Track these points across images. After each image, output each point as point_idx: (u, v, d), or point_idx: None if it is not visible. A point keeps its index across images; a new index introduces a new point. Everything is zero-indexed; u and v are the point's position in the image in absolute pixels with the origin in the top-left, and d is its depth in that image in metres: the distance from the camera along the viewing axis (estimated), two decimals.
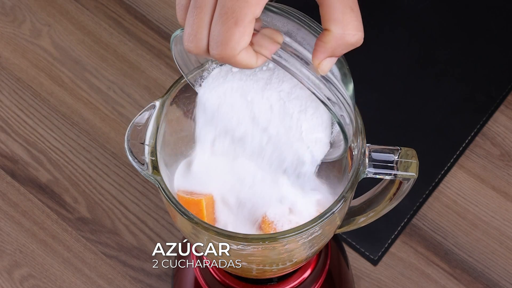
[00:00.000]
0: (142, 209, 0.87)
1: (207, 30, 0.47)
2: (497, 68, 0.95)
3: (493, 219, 0.86)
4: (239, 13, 0.45)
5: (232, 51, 0.46)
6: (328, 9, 0.47)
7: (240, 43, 0.46)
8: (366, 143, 0.57)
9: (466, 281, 0.82)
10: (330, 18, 0.47)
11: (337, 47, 0.48)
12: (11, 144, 0.91)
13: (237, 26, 0.46)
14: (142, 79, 0.95)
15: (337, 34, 0.47)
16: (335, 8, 0.47)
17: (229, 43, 0.46)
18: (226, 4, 0.46)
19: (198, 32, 0.47)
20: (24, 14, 1.00)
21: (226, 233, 0.54)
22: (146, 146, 0.57)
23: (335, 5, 0.47)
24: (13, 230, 0.86)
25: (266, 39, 0.48)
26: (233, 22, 0.46)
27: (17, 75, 0.96)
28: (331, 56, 0.48)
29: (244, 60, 0.47)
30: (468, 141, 0.90)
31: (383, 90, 0.94)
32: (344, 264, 0.77)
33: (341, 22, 0.47)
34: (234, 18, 0.46)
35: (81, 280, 0.83)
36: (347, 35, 0.47)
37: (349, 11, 0.47)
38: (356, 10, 0.48)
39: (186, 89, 0.60)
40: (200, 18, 0.47)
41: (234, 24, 0.46)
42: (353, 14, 0.47)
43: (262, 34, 0.48)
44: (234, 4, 0.45)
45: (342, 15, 0.47)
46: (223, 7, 0.46)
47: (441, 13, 0.99)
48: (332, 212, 0.55)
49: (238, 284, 0.68)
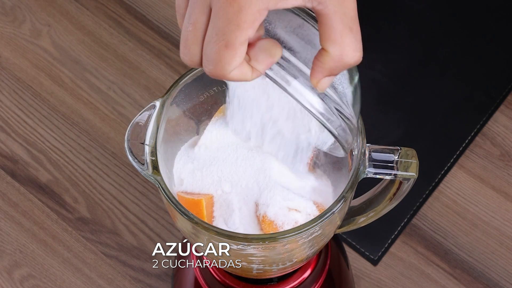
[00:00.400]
0: (142, 209, 0.87)
1: (200, 47, 0.47)
2: (497, 68, 0.95)
3: (493, 219, 0.86)
4: (230, 36, 0.45)
5: (223, 71, 0.46)
6: (327, 29, 0.46)
7: (231, 64, 0.46)
8: (366, 143, 0.57)
9: (466, 281, 0.82)
10: (328, 39, 0.46)
11: (335, 67, 0.47)
12: (11, 144, 0.91)
13: (228, 49, 0.45)
14: (142, 79, 0.95)
15: (335, 56, 0.47)
16: (333, 28, 0.46)
17: (220, 64, 0.46)
18: (217, 25, 0.45)
19: (192, 48, 0.47)
20: (24, 14, 1.00)
21: (226, 233, 0.54)
22: (146, 146, 0.57)
23: (334, 26, 0.46)
24: (13, 230, 0.86)
25: (262, 53, 0.47)
26: (224, 45, 0.45)
27: (17, 75, 0.96)
28: (329, 75, 0.48)
29: (236, 77, 0.47)
30: (468, 141, 0.90)
31: (383, 89, 0.94)
32: (344, 264, 0.77)
33: (339, 44, 0.46)
34: (225, 41, 0.45)
35: (81, 280, 0.83)
36: (345, 56, 0.47)
37: (348, 32, 0.46)
38: (355, 30, 0.47)
39: (186, 89, 0.60)
40: (193, 34, 0.47)
41: (224, 47, 0.45)
42: (351, 35, 0.46)
43: (260, 48, 0.47)
44: (225, 27, 0.45)
45: (341, 37, 0.46)
46: (214, 28, 0.45)
47: (441, 13, 0.99)
48: (332, 212, 0.55)
49: (238, 284, 0.68)
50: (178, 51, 0.96)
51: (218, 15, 0.45)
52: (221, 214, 0.59)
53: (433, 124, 0.91)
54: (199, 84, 0.61)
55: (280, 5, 0.45)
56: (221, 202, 0.59)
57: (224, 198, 0.59)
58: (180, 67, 0.95)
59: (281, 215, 0.57)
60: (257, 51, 0.47)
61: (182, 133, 0.63)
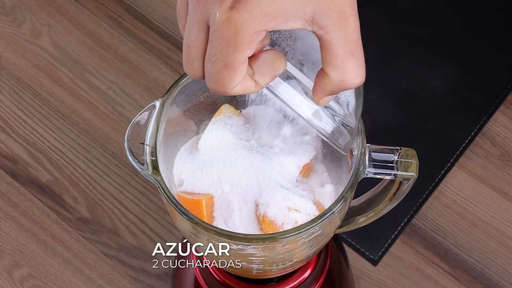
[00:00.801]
0: (142, 209, 0.87)
1: (201, 62, 0.46)
2: (497, 68, 0.95)
3: (493, 219, 0.86)
4: (228, 58, 0.44)
5: (224, 89, 0.46)
6: (328, 54, 0.45)
7: (232, 83, 0.45)
8: (366, 143, 0.57)
9: (466, 281, 0.82)
10: (330, 64, 0.46)
11: (336, 90, 0.47)
12: (11, 144, 0.91)
13: (227, 69, 0.45)
14: (142, 79, 0.95)
15: (335, 81, 0.46)
16: (335, 54, 0.45)
17: (220, 82, 0.45)
18: (215, 46, 0.44)
19: (193, 63, 0.47)
20: (24, 14, 1.00)
21: (226, 233, 0.54)
22: (146, 146, 0.57)
23: (336, 52, 0.45)
24: (13, 230, 0.86)
25: (266, 67, 0.47)
26: (223, 65, 0.45)
27: (17, 75, 0.96)
28: (330, 95, 0.48)
29: (240, 92, 0.46)
30: (468, 141, 0.90)
31: (383, 89, 0.94)
32: (344, 264, 0.77)
33: (341, 70, 0.46)
34: (224, 61, 0.44)
35: (81, 280, 0.83)
36: (346, 81, 0.46)
37: (350, 57, 0.45)
38: (358, 54, 0.46)
39: (186, 89, 0.60)
40: (194, 51, 0.46)
41: (223, 67, 0.45)
42: (353, 60, 0.46)
43: (263, 61, 0.46)
44: (223, 48, 0.44)
45: (342, 63, 0.45)
46: (213, 48, 0.45)
47: (441, 13, 0.99)
48: (332, 212, 0.55)
49: (238, 284, 0.68)
50: (178, 51, 0.96)
51: (216, 37, 0.44)
52: (221, 214, 0.59)
53: (433, 124, 0.91)
54: (199, 84, 0.61)
55: (279, 27, 0.44)
56: (221, 202, 0.59)
57: (224, 198, 0.59)
58: (180, 67, 0.95)
59: (281, 215, 0.57)
60: (260, 64, 0.47)
61: (182, 133, 0.63)
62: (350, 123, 0.52)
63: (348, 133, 0.52)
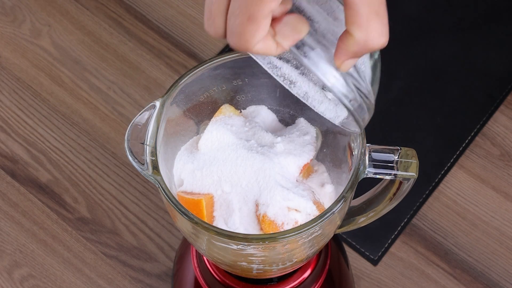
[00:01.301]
0: (142, 209, 0.87)
1: (224, 18, 0.46)
2: (497, 68, 0.95)
3: (493, 219, 0.86)
4: (252, 10, 0.44)
5: (246, 44, 0.45)
6: (353, 12, 0.45)
7: (255, 37, 0.45)
8: (366, 143, 0.57)
9: (466, 281, 0.82)
10: (354, 23, 0.45)
11: (359, 51, 0.47)
12: (11, 144, 0.91)
13: (251, 22, 0.44)
14: (142, 79, 0.95)
15: (360, 40, 0.46)
16: (359, 13, 0.45)
17: (243, 37, 0.45)
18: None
19: (215, 20, 0.46)
20: (24, 14, 1.00)
21: (226, 233, 0.54)
22: (146, 146, 0.57)
23: (360, 10, 0.45)
24: (13, 230, 0.86)
25: (288, 29, 0.46)
26: (246, 18, 0.44)
27: (17, 75, 0.96)
28: (352, 58, 0.47)
29: (261, 50, 0.46)
30: (468, 141, 0.90)
31: (383, 89, 0.93)
32: (344, 264, 0.77)
33: (365, 29, 0.45)
34: (247, 14, 0.44)
35: (81, 280, 0.83)
36: (370, 41, 0.46)
37: (374, 16, 0.45)
38: (382, 14, 0.46)
39: (186, 89, 0.60)
40: (217, 6, 0.46)
41: (247, 20, 0.44)
42: (378, 20, 0.46)
43: (286, 23, 0.46)
44: (248, 0, 0.44)
45: (367, 21, 0.45)
46: (236, 1, 0.44)
47: (441, 12, 0.99)
48: (332, 212, 0.55)
49: (238, 284, 0.68)
50: (178, 51, 0.96)
51: None
52: (221, 214, 0.59)
53: (433, 124, 0.91)
54: (199, 84, 0.61)
55: None
56: (221, 202, 0.59)
57: (224, 198, 0.59)
58: (180, 67, 0.95)
59: (281, 215, 0.57)
60: (282, 26, 0.46)
61: (182, 133, 0.63)
62: (370, 97, 0.52)
63: (366, 108, 0.52)
